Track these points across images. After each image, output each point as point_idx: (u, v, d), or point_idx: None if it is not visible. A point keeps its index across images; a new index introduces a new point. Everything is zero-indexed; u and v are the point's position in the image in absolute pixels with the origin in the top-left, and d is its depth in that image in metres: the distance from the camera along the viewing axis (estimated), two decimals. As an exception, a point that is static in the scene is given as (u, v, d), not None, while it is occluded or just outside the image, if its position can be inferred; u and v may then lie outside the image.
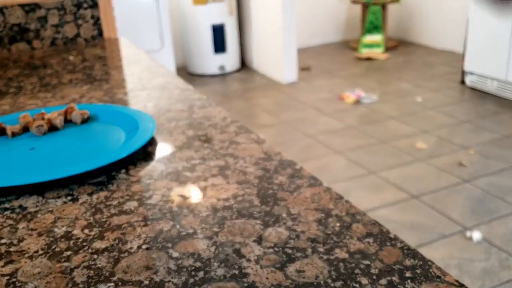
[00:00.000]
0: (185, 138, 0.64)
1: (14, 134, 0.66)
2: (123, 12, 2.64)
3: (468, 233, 1.79)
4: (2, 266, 0.39)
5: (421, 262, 0.37)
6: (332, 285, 0.35)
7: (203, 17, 3.90)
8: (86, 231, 0.44)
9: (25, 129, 0.68)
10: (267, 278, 0.36)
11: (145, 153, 0.60)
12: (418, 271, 0.36)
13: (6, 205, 0.49)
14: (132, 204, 0.48)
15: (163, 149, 0.62)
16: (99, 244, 0.41)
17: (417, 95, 3.36)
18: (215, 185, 0.51)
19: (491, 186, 2.11)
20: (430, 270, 0.36)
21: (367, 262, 0.37)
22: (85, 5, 1.25)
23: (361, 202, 2.04)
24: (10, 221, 0.46)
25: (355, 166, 2.38)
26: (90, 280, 0.37)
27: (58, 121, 0.68)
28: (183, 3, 3.96)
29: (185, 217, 0.45)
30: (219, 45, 3.98)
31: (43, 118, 0.68)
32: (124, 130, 0.66)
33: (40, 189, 0.52)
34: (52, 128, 0.68)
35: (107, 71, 1.03)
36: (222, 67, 4.08)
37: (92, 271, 0.38)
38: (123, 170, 0.56)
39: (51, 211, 0.48)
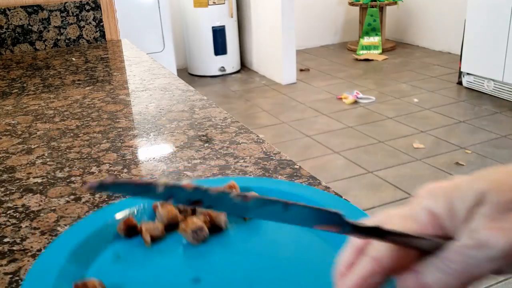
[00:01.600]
0: (186, 138, 0.65)
1: (153, 239, 0.41)
2: (125, 14, 2.65)
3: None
4: (6, 265, 0.40)
5: (417, 260, 0.37)
6: (330, 281, 0.36)
7: (203, 19, 3.90)
8: (89, 229, 0.44)
9: (169, 226, 0.42)
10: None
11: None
12: (414, 268, 0.36)
13: (9, 204, 0.50)
14: (134, 203, 0.49)
15: (164, 149, 0.62)
16: (102, 242, 0.42)
17: (415, 95, 3.37)
18: (215, 185, 0.51)
19: (488, 187, 2.12)
20: (427, 267, 0.36)
21: (365, 259, 0.38)
22: (87, 7, 1.25)
23: (359, 201, 2.04)
24: (13, 220, 0.47)
25: (353, 165, 2.39)
26: (93, 277, 0.38)
27: (223, 217, 0.42)
28: (184, 5, 3.96)
29: (187, 216, 0.46)
30: (220, 47, 3.99)
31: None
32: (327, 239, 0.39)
33: None
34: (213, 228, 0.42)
35: (109, 72, 1.04)
36: (222, 69, 4.08)
37: (95, 269, 0.38)
38: (125, 170, 0.56)
39: (54, 210, 0.48)
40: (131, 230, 0.41)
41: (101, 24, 1.28)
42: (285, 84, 3.80)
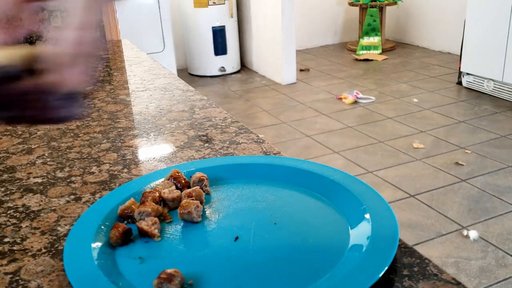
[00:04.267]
0: (186, 138, 0.65)
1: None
2: (125, 15, 2.65)
3: (465, 232, 1.80)
4: (6, 265, 0.40)
5: (418, 260, 0.37)
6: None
7: (204, 19, 3.90)
8: (90, 229, 0.44)
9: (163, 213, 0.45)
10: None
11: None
12: (415, 269, 0.36)
13: (10, 204, 0.50)
14: (135, 203, 0.49)
15: (164, 149, 0.62)
16: (102, 242, 0.42)
17: (414, 95, 3.37)
18: (216, 185, 0.51)
19: (487, 185, 2.12)
20: (427, 268, 0.36)
21: (365, 259, 0.38)
22: (85, 6, 1.25)
23: (359, 202, 2.03)
24: (13, 220, 0.47)
25: (353, 165, 2.39)
26: (94, 277, 0.37)
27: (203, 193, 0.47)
28: (184, 6, 3.96)
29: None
30: (220, 47, 3.99)
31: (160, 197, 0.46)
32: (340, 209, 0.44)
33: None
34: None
35: (109, 72, 1.04)
36: (222, 69, 4.08)
37: (96, 269, 0.38)
38: (125, 170, 0.56)
39: (54, 210, 0.48)
40: (126, 235, 0.42)
41: (101, 24, 1.28)
42: (285, 84, 3.80)
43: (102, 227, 0.43)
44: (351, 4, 4.58)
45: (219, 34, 3.95)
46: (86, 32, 0.23)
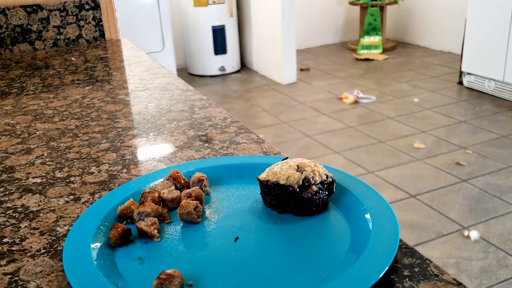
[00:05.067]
0: (186, 138, 0.64)
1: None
2: (124, 14, 2.65)
3: (466, 232, 1.80)
4: (5, 265, 0.40)
5: (419, 261, 0.37)
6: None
7: (203, 19, 3.90)
8: (89, 230, 0.44)
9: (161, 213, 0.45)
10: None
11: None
12: (416, 269, 0.36)
13: (9, 204, 0.50)
14: (134, 204, 0.48)
15: (164, 149, 0.62)
16: (101, 243, 0.42)
17: (415, 95, 3.37)
18: (215, 185, 0.51)
19: (488, 186, 2.12)
20: (428, 268, 0.36)
21: (366, 260, 0.38)
22: (87, 7, 1.25)
23: (359, 202, 2.03)
24: (12, 220, 0.47)
25: (354, 165, 2.39)
26: (93, 278, 0.37)
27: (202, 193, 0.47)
28: (184, 5, 3.96)
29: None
30: (220, 47, 3.98)
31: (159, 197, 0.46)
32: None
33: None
34: None
35: (109, 72, 1.04)
36: (222, 68, 4.08)
37: (95, 269, 0.38)
38: (124, 170, 0.56)
39: (53, 210, 0.48)
40: (125, 236, 0.41)
41: (101, 23, 1.28)
42: (285, 84, 3.80)
43: (101, 227, 0.43)
44: (352, 3, 4.58)
45: (219, 34, 3.94)
46: None
